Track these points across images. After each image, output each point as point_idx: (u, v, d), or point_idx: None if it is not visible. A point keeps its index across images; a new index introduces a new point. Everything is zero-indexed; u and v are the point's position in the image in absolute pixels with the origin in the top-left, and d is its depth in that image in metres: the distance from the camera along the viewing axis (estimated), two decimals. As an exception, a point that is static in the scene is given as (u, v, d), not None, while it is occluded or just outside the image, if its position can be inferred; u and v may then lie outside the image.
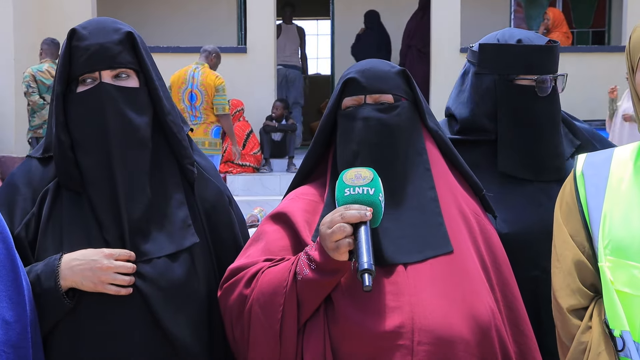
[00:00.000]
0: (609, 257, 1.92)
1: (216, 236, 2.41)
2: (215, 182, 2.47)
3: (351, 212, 1.99)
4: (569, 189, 2.08)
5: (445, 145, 2.31)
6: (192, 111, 9.35)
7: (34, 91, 10.21)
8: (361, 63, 2.32)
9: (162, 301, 2.21)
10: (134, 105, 2.30)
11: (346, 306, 2.06)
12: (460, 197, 2.27)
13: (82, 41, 2.26)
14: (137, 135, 2.29)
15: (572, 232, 2.03)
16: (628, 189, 1.96)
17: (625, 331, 1.89)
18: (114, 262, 2.16)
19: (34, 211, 2.26)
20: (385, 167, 2.14)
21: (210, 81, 9.37)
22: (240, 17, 14.19)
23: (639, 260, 1.86)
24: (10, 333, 1.97)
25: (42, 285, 2.15)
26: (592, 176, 2.03)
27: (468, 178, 2.33)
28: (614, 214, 1.95)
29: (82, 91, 2.27)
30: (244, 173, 11.58)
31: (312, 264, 2.05)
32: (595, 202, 2.00)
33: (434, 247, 2.14)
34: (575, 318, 1.97)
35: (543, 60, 2.63)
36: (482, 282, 2.15)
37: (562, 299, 2.01)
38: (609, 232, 1.94)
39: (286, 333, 2.09)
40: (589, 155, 2.09)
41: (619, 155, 2.04)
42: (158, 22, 11.94)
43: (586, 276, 1.98)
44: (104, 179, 2.24)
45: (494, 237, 2.28)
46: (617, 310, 1.89)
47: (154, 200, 2.29)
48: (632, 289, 1.86)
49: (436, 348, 2.01)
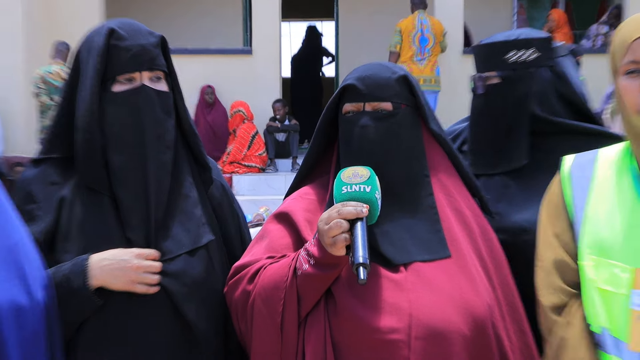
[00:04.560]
0: (592, 256, 1.93)
1: (224, 231, 2.45)
2: (218, 179, 2.50)
3: (348, 208, 2.01)
4: (556, 190, 2.09)
5: (449, 148, 2.31)
6: (420, 53, 10.48)
7: (42, 92, 10.23)
8: (362, 68, 2.30)
9: (185, 296, 2.24)
10: (165, 108, 2.31)
11: (347, 300, 2.08)
12: (460, 198, 2.28)
13: (122, 41, 2.25)
14: (166, 138, 2.30)
15: (558, 231, 2.04)
16: (611, 190, 1.96)
17: (604, 327, 1.91)
18: (143, 261, 2.19)
19: (53, 217, 2.25)
20: (383, 173, 2.13)
21: (438, 27, 10.68)
22: (246, 19, 14.11)
23: (620, 259, 1.87)
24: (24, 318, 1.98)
25: (71, 285, 2.15)
26: (578, 177, 2.04)
27: (468, 181, 2.34)
28: (598, 214, 1.96)
29: (123, 91, 2.26)
30: (250, 173, 11.52)
31: (311, 259, 2.07)
32: (580, 202, 2.01)
33: (432, 252, 2.15)
34: (555, 315, 1.99)
35: (484, 58, 2.64)
36: (482, 281, 2.15)
37: (543, 297, 2.03)
38: (592, 232, 1.95)
39: (287, 325, 2.11)
40: (576, 156, 2.09)
41: (604, 156, 2.05)
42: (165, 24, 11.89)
43: (568, 275, 2.00)
44: (136, 180, 2.25)
45: (494, 238, 2.28)
46: (596, 307, 1.91)
47: (173, 199, 2.31)
48: (614, 287, 1.87)
49: (433, 343, 2.02)
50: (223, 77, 12.12)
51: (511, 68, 2.57)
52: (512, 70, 2.57)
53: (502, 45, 2.59)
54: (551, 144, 2.51)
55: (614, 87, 1.96)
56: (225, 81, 12.12)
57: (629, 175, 1.96)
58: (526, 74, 2.57)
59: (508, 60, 2.57)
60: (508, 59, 2.57)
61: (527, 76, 2.57)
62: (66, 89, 2.34)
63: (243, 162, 11.62)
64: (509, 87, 2.58)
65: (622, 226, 1.90)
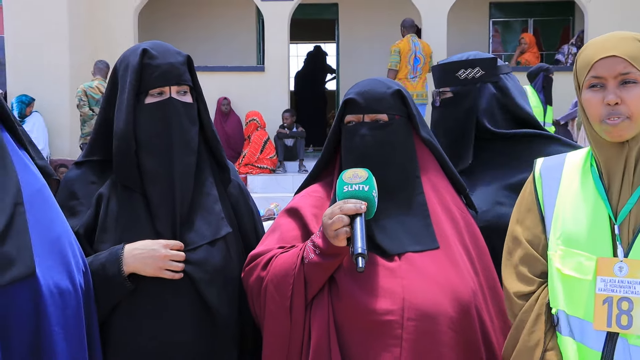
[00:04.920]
0: (561, 246, 1.92)
1: (241, 224, 2.43)
2: (236, 179, 2.48)
3: (348, 205, 2.01)
4: (529, 189, 2.08)
5: (437, 152, 2.29)
6: (413, 72, 10.58)
7: (85, 104, 10.25)
8: (361, 84, 2.29)
9: (206, 282, 2.24)
10: (190, 118, 2.31)
11: (348, 286, 2.08)
12: (448, 196, 2.27)
13: (154, 60, 2.26)
14: (190, 144, 2.30)
15: (530, 226, 2.03)
16: (577, 189, 1.96)
17: (561, 310, 1.91)
18: (169, 251, 2.19)
19: (92, 211, 2.26)
20: (380, 175, 2.13)
21: (427, 49, 10.79)
22: (259, 41, 14.15)
23: (585, 249, 1.88)
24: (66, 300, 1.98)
25: (107, 271, 2.16)
26: (548, 178, 2.03)
27: (454, 179, 2.33)
28: (565, 210, 1.95)
29: (153, 102, 2.26)
30: (262, 174, 11.54)
31: (316, 250, 2.08)
32: (549, 200, 2.00)
33: (423, 243, 2.14)
34: (520, 301, 1.98)
35: (440, 76, 2.70)
36: (466, 268, 2.15)
37: (509, 285, 2.02)
38: (561, 226, 1.95)
39: (295, 307, 2.11)
40: (545, 160, 2.09)
41: (571, 159, 2.04)
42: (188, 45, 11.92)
43: (536, 267, 1.99)
44: (164, 179, 2.25)
45: (477, 231, 2.28)
46: (557, 291, 1.92)
47: (196, 196, 2.30)
48: (580, 274, 1.87)
49: (423, 323, 2.02)
50: (240, 90, 12.16)
51: (461, 84, 2.63)
52: (462, 86, 2.63)
53: (454, 65, 2.66)
54: (497, 147, 2.56)
55: (578, 98, 1.99)
56: (242, 94, 12.15)
57: (591, 177, 1.95)
58: (473, 88, 2.62)
59: (459, 77, 2.63)
60: (459, 76, 2.63)
61: (474, 90, 2.62)
62: (105, 101, 2.35)
63: (256, 164, 11.65)
64: (459, 100, 2.64)
65: (586, 220, 1.90)
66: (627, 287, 1.81)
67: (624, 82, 1.86)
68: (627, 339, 1.81)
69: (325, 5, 14.21)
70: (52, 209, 2.05)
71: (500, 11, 14.35)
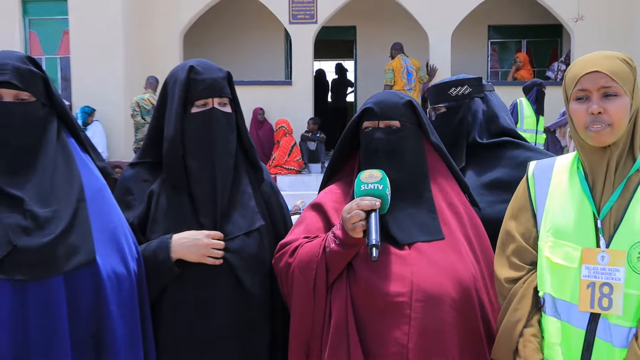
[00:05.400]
0: (550, 238, 1.92)
1: (272, 218, 2.43)
2: (268, 179, 2.47)
3: (364, 202, 2.02)
4: (522, 188, 2.08)
5: (445, 155, 2.29)
6: (408, 84, 10.68)
7: (137, 114, 10.30)
8: (378, 95, 2.30)
9: (242, 268, 2.24)
10: (229, 126, 2.31)
11: (364, 271, 2.08)
12: (453, 194, 2.26)
13: (199, 75, 2.26)
14: (229, 148, 2.30)
15: (523, 220, 2.03)
16: (565, 188, 1.96)
17: (547, 293, 1.91)
18: (211, 240, 2.19)
19: (144, 205, 2.27)
20: (393, 175, 2.13)
21: (416, 63, 10.91)
22: (287, 59, 14.16)
23: (572, 240, 1.88)
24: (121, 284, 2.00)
25: (157, 258, 2.17)
26: (539, 178, 2.04)
27: (459, 179, 2.32)
28: (555, 206, 1.96)
29: (198, 112, 2.27)
30: (290, 174, 11.53)
31: (336, 240, 2.08)
32: (541, 198, 2.00)
33: (430, 234, 2.14)
34: (508, 285, 1.99)
35: (435, 94, 2.74)
36: (468, 256, 2.14)
37: (500, 272, 2.03)
38: (551, 220, 1.95)
39: (318, 290, 2.11)
40: (537, 162, 2.09)
41: (560, 162, 2.04)
42: (227, 62, 12.00)
43: (526, 257, 2.00)
44: (207, 178, 2.25)
45: (479, 223, 2.27)
46: (545, 277, 1.92)
47: (234, 194, 2.30)
48: (568, 262, 1.88)
49: (429, 304, 2.02)
50: (270, 101, 12.15)
51: (453, 100, 2.69)
52: (454, 101, 2.69)
53: (446, 85, 2.72)
54: (485, 152, 2.60)
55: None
56: (272, 105, 12.15)
57: (577, 177, 1.96)
58: (463, 103, 2.68)
59: (451, 94, 2.69)
60: (451, 93, 2.69)
61: (464, 105, 2.68)
62: (157, 110, 2.35)
63: (285, 165, 11.64)
64: (452, 113, 2.69)
65: (573, 215, 1.91)
66: (608, 274, 1.81)
67: (606, 95, 1.87)
68: (608, 319, 1.81)
69: (344, 27, 14.18)
70: (110, 204, 2.07)
71: (498, 33, 14.26)
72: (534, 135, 8.66)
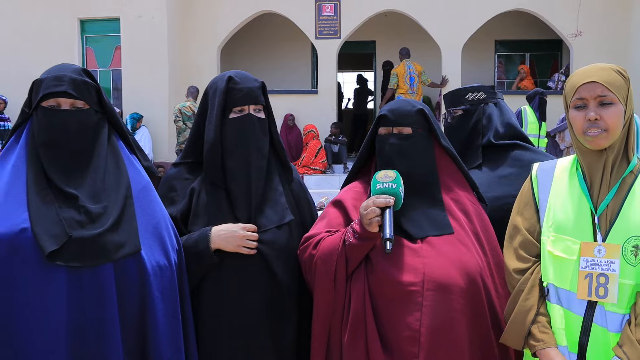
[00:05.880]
0: (552, 233, 1.92)
1: (301, 213, 2.42)
2: (297, 178, 2.46)
3: (380, 199, 2.01)
4: (527, 187, 2.07)
5: (455, 157, 2.26)
6: (411, 88, 10.61)
7: (179, 120, 10.38)
8: (393, 103, 2.28)
9: (274, 258, 2.23)
10: (263, 130, 2.31)
11: (380, 263, 2.07)
12: (462, 192, 2.24)
13: (237, 84, 2.28)
14: (263, 150, 2.30)
15: (528, 217, 2.02)
16: (565, 188, 1.96)
17: (551, 283, 1.91)
18: (246, 232, 2.19)
19: (186, 201, 2.27)
20: (406, 175, 2.12)
21: (419, 68, 10.80)
22: (314, 70, 14.18)
23: (571, 235, 1.88)
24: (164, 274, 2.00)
25: (198, 247, 2.17)
26: (542, 178, 2.03)
27: (468, 179, 2.30)
28: (556, 204, 1.95)
29: (235, 117, 2.28)
30: (315, 174, 11.53)
31: (354, 234, 2.08)
32: (543, 196, 2.00)
33: (440, 229, 2.13)
34: (517, 275, 1.99)
35: (452, 99, 2.74)
36: (475, 249, 2.13)
37: (509, 263, 2.03)
38: (552, 217, 1.94)
39: (338, 279, 2.11)
40: (540, 164, 2.08)
41: (561, 163, 2.04)
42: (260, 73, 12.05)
43: (532, 250, 1.99)
44: (242, 177, 2.25)
45: (486, 219, 2.25)
46: (548, 268, 1.92)
47: (267, 191, 2.30)
48: (568, 255, 1.88)
49: (439, 292, 2.01)
50: (298, 108, 12.18)
51: (469, 103, 2.70)
52: (470, 105, 2.70)
53: (464, 90, 2.73)
54: (499, 151, 2.60)
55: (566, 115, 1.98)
56: (300, 111, 12.18)
57: (577, 178, 1.95)
58: (479, 107, 2.69)
59: (468, 99, 2.70)
60: (467, 98, 2.71)
61: (480, 109, 2.68)
62: (198, 116, 2.36)
63: (311, 166, 11.65)
64: (468, 116, 2.70)
65: (572, 212, 1.90)
66: (604, 266, 1.81)
67: (602, 103, 1.87)
68: (604, 306, 1.81)
69: (365, 42, 14.18)
70: (154, 200, 2.08)
71: (504, 47, 14.16)
72: (537, 139, 8.58)
